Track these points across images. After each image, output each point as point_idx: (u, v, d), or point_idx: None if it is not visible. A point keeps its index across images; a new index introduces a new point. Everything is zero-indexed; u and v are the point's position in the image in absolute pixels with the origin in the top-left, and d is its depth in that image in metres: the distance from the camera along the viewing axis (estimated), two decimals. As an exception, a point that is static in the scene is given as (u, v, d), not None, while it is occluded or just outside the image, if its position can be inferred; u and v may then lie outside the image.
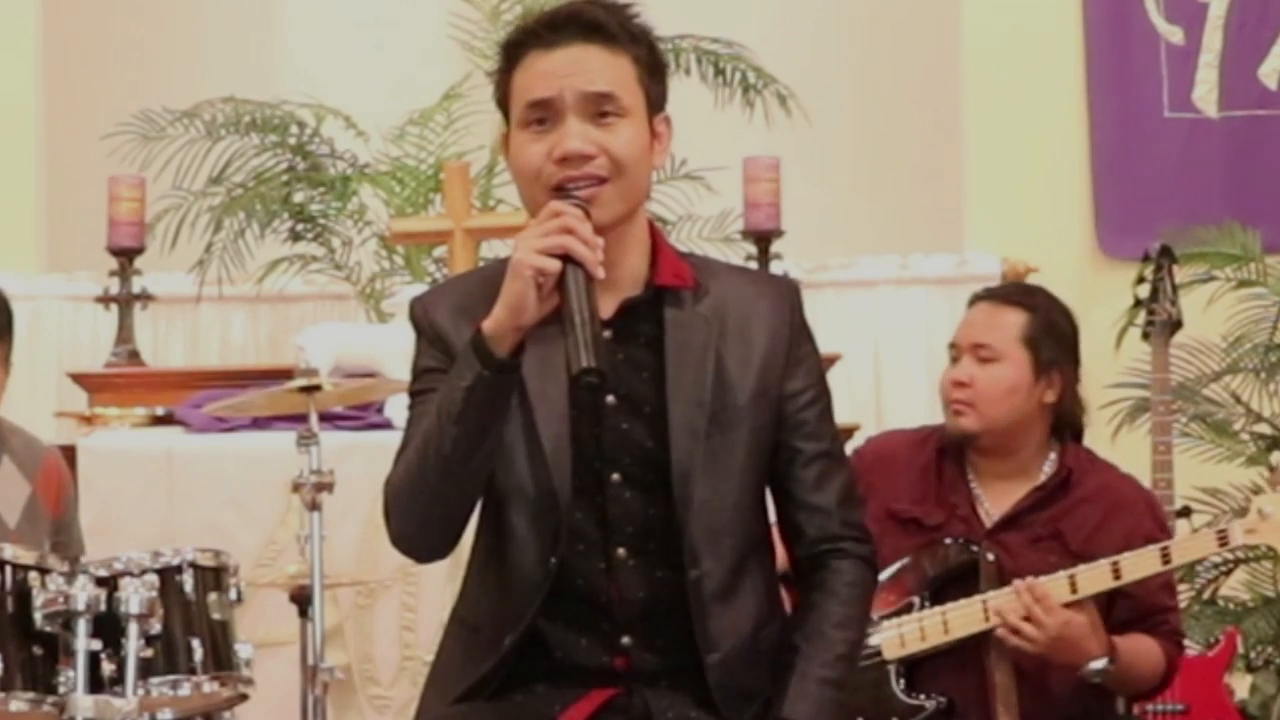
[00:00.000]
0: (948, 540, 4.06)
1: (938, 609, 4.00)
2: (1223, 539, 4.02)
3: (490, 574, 3.06)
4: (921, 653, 4.01)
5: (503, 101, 3.04)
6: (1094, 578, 3.91)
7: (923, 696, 4.00)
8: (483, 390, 2.87)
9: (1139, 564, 3.94)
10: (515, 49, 3.01)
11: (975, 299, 4.24)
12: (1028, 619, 3.88)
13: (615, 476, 3.01)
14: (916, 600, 4.02)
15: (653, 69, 3.03)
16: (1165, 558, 3.96)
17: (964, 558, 4.03)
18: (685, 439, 2.99)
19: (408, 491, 2.96)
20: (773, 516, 3.14)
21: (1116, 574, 3.92)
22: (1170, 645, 4.08)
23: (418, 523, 2.99)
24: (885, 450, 4.18)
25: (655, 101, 3.02)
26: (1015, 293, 4.29)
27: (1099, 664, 3.94)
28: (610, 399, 3.00)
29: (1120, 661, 3.95)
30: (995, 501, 4.12)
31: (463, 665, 3.07)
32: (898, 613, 4.00)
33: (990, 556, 4.00)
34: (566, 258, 2.84)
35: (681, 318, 3.03)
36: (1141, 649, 4.01)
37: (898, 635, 3.99)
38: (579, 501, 2.99)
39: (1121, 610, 4.00)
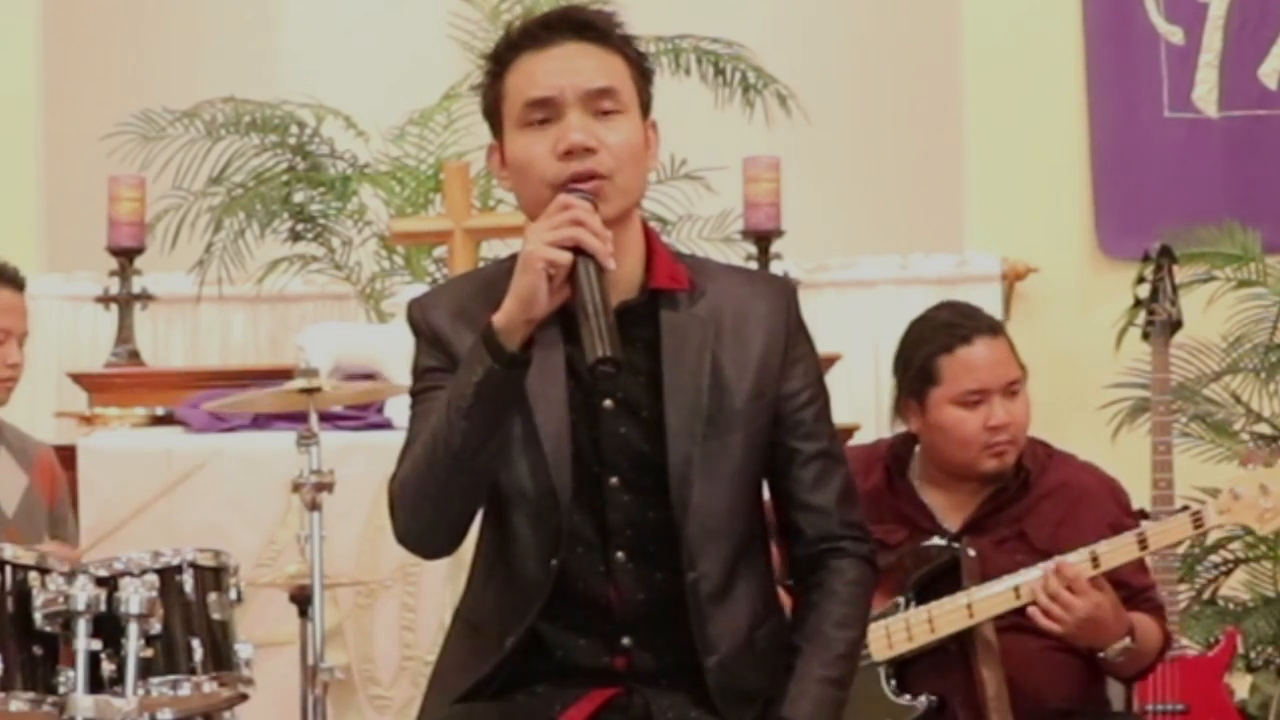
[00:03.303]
0: (929, 541, 4.05)
1: (923, 608, 4.00)
2: (1197, 520, 4.01)
3: (493, 575, 3.06)
4: (909, 653, 4.01)
5: (493, 109, 3.03)
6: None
7: (913, 696, 4.00)
8: (493, 384, 2.87)
9: (1117, 552, 3.94)
10: (506, 53, 3.01)
11: (965, 337, 4.09)
12: (1055, 601, 3.87)
13: (613, 480, 3.01)
14: (902, 600, 4.02)
15: (643, 72, 3.04)
16: (1142, 543, 3.97)
17: (945, 556, 4.03)
18: (682, 443, 2.99)
19: (415, 487, 2.96)
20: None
21: (1095, 563, 3.92)
22: (1160, 619, 4.10)
23: (425, 519, 2.98)
24: None
25: (645, 105, 3.03)
26: (989, 321, 4.17)
27: (1121, 644, 3.95)
28: (607, 403, 3.00)
29: (1138, 640, 3.96)
30: (950, 511, 4.12)
31: (466, 665, 3.07)
32: (884, 614, 4.00)
33: (971, 552, 4.01)
34: (577, 250, 2.85)
35: (677, 321, 3.03)
36: (1147, 627, 4.03)
37: (885, 636, 3.99)
38: (578, 504, 2.99)
39: None
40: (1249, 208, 6.70)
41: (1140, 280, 5.40)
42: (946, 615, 3.98)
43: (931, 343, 4.11)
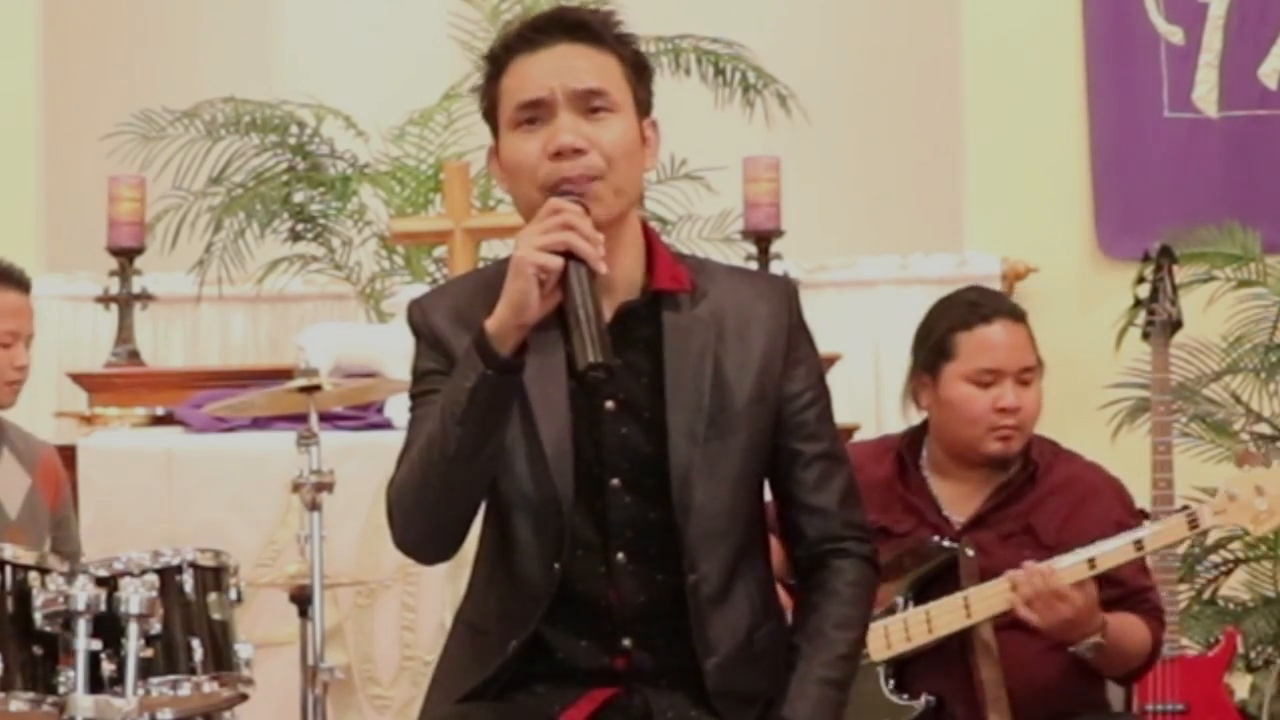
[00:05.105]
0: (926, 539, 4.06)
1: (921, 608, 4.00)
2: (1193, 522, 4.01)
3: (495, 578, 3.06)
4: (908, 652, 4.01)
5: (490, 111, 3.04)
6: (1070, 571, 3.91)
7: (912, 696, 4.00)
8: (486, 390, 2.87)
9: (1113, 555, 3.94)
10: (500, 56, 3.01)
11: (986, 317, 4.11)
12: (1037, 598, 3.87)
13: (615, 481, 3.00)
14: (900, 600, 4.02)
15: (638, 71, 3.03)
16: (1138, 546, 3.97)
17: (944, 555, 4.03)
18: (684, 444, 2.98)
19: (412, 493, 2.96)
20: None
21: (1092, 565, 3.92)
22: (1154, 621, 4.10)
23: (422, 525, 2.98)
24: None
25: (642, 104, 3.03)
26: (1011, 305, 4.21)
27: (1091, 640, 3.94)
28: (609, 404, 3.00)
29: (1110, 638, 3.96)
30: (957, 503, 4.12)
31: (468, 667, 3.07)
32: (882, 614, 4.00)
33: (970, 552, 4.01)
34: (568, 254, 2.84)
35: (679, 322, 3.02)
36: (1129, 626, 4.02)
37: (884, 636, 3.99)
38: (579, 506, 2.99)
39: (1105, 593, 4.00)
40: (1249, 208, 6.70)
41: (1140, 280, 5.40)
42: (944, 615, 3.98)
43: (952, 319, 4.14)
